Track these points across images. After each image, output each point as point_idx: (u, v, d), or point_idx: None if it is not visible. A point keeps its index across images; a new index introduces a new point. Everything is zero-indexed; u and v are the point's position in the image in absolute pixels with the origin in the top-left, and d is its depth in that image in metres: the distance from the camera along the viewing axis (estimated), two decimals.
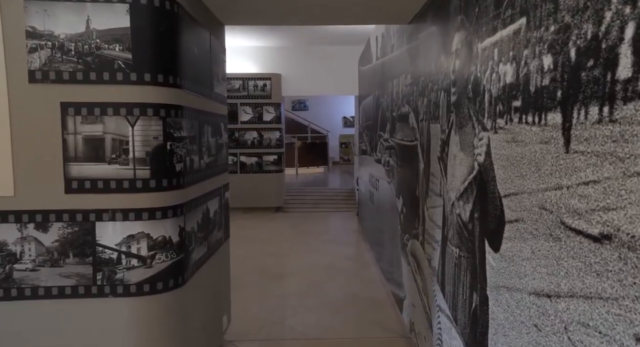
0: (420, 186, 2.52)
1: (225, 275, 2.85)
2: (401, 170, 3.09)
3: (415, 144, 2.64)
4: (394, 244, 3.38)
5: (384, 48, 3.88)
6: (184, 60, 1.94)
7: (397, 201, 3.24)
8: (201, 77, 2.23)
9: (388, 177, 3.67)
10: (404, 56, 2.95)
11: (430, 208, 2.28)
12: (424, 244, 2.42)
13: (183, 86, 1.92)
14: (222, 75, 2.74)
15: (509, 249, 1.31)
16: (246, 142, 7.71)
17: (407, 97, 2.89)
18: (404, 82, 3.00)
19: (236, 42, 7.45)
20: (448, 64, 1.94)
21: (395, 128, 3.31)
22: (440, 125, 2.07)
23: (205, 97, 2.30)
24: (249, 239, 5.82)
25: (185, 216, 1.95)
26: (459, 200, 1.77)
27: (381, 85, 4.07)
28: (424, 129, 2.41)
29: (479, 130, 1.56)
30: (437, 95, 2.14)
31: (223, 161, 2.73)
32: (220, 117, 2.67)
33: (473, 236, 1.62)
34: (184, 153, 1.93)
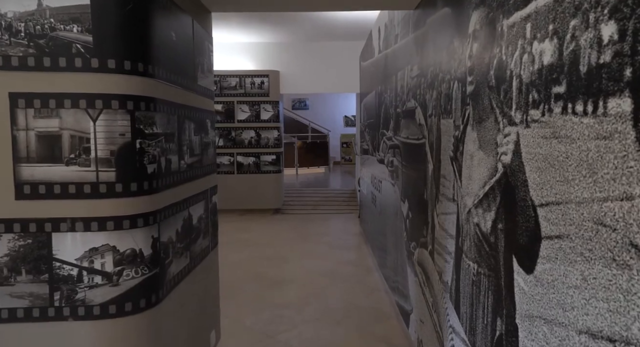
0: (428, 189, 2.26)
1: (213, 286, 2.59)
2: (407, 172, 2.83)
3: (422, 143, 2.38)
4: (399, 251, 3.12)
5: (387, 39, 3.62)
6: (158, 47, 1.68)
7: (402, 205, 2.97)
8: (181, 67, 1.97)
9: (392, 179, 3.40)
10: (410, 46, 2.69)
11: (441, 215, 2.02)
12: (434, 255, 2.16)
13: (156, 76, 1.66)
14: (209, 67, 2.48)
15: (548, 272, 1.05)
16: (243, 142, 7.46)
17: (413, 91, 2.63)
18: (409, 75, 2.73)
19: (232, 37, 7.20)
20: (463, 50, 1.68)
21: (400, 125, 3.05)
22: (454, 121, 1.81)
23: (186, 90, 2.04)
24: (245, 242, 5.56)
25: (160, 225, 1.69)
26: (478, 207, 1.51)
27: (384, 80, 3.81)
28: (433, 126, 2.15)
29: (504, 125, 1.30)
30: (449, 87, 1.88)
31: (210, 161, 2.48)
32: (206, 113, 2.41)
33: (496, 251, 1.36)
34: (158, 152, 1.67)
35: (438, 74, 2.06)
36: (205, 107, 2.39)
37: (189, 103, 2.09)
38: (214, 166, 2.59)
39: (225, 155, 7.44)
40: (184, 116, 2.01)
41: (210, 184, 2.51)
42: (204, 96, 2.37)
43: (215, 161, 2.61)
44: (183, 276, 1.98)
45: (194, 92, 2.17)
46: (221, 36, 7.13)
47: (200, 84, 2.29)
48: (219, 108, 7.37)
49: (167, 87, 1.78)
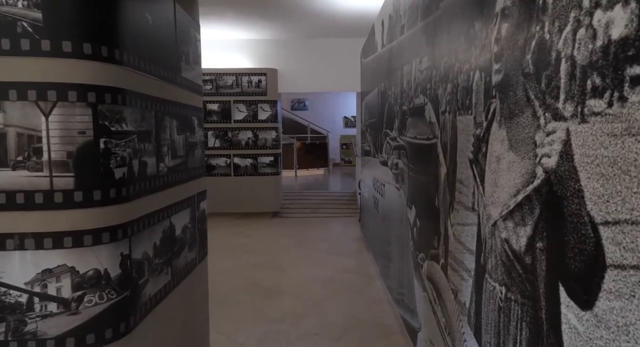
0: (440, 195, 2.01)
1: (201, 303, 2.34)
2: (414, 175, 2.58)
3: (433, 143, 2.13)
4: (405, 261, 2.87)
5: (391, 31, 3.37)
6: (128, 29, 1.43)
7: (409, 211, 2.72)
8: (160, 56, 1.72)
9: (396, 182, 3.15)
10: (419, 36, 2.44)
11: (456, 225, 1.77)
12: (447, 270, 1.90)
13: (126, 63, 1.41)
14: (195, 58, 2.23)
15: (618, 312, 0.80)
16: (240, 143, 7.21)
17: (422, 86, 2.38)
18: (418, 68, 2.49)
19: (228, 34, 6.96)
20: (487, 33, 1.43)
21: (406, 124, 2.80)
22: (474, 117, 1.56)
23: (166, 82, 1.79)
24: (241, 248, 5.31)
25: (132, 239, 1.44)
26: (507, 220, 1.26)
27: (388, 76, 3.56)
28: (447, 124, 1.90)
29: (546, 120, 1.05)
30: (468, 78, 1.63)
31: (197, 164, 2.22)
32: (192, 110, 2.16)
33: (534, 275, 1.11)
34: (129, 154, 1.42)
35: (454, 64, 1.81)
36: (191, 103, 2.14)
37: (171, 97, 1.84)
38: (203, 169, 2.34)
39: (222, 156, 7.19)
40: (164, 112, 1.76)
41: (198, 189, 2.26)
42: (189, 90, 2.12)
43: (203, 163, 2.36)
44: (163, 295, 1.73)
45: (176, 85, 1.92)
46: (216, 32, 6.88)
47: (184, 76, 2.04)
48: (214, 108, 7.12)
49: (141, 77, 1.53)
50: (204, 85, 7.04)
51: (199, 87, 2.30)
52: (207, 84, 7.06)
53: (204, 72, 7.02)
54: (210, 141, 7.17)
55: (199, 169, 2.27)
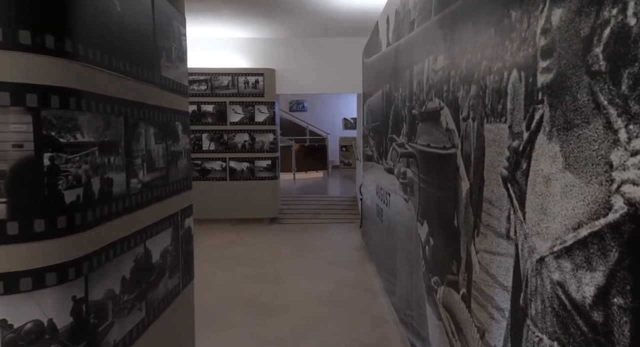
0: (461, 214, 1.74)
1: (186, 336, 2.06)
2: (426, 188, 2.30)
3: (452, 153, 1.86)
4: (414, 281, 2.60)
5: (398, 28, 3.10)
6: (86, 16, 1.16)
7: (419, 227, 2.45)
8: (132, 51, 1.45)
9: (404, 193, 2.88)
10: (433, 31, 2.17)
11: (483, 252, 1.49)
12: (470, 302, 1.63)
13: (83, 57, 1.13)
14: (180, 55, 1.96)
15: None
16: (236, 146, 6.93)
17: (437, 88, 2.11)
18: (431, 68, 2.21)
19: (224, 32, 6.69)
20: (529, 22, 1.16)
21: (417, 130, 2.53)
22: (509, 126, 1.28)
23: (141, 82, 1.52)
24: (236, 259, 5.02)
25: (90, 277, 1.16)
26: (563, 258, 0.99)
27: (394, 77, 3.29)
28: (471, 132, 1.63)
29: (630, 135, 0.78)
30: (500, 78, 1.35)
31: (181, 176, 1.95)
32: (176, 114, 1.88)
33: (609, 340, 0.84)
34: (86, 171, 1.14)
35: (479, 62, 1.54)
36: (173, 106, 1.86)
37: (147, 100, 1.57)
38: (188, 181, 2.06)
39: (217, 160, 6.91)
40: (138, 118, 1.48)
41: (182, 205, 1.98)
42: (171, 92, 1.84)
43: (190, 175, 2.09)
44: (135, 337, 1.45)
45: (154, 86, 1.65)
46: (212, 30, 6.61)
47: (165, 75, 1.76)
48: (209, 109, 6.85)
49: (105, 75, 1.26)
50: (199, 85, 6.77)
51: (184, 88, 2.02)
52: (202, 85, 6.79)
53: (199, 72, 6.75)
54: (205, 144, 6.89)
55: (184, 181, 1.99)
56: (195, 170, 6.87)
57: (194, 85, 6.78)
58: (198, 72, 6.77)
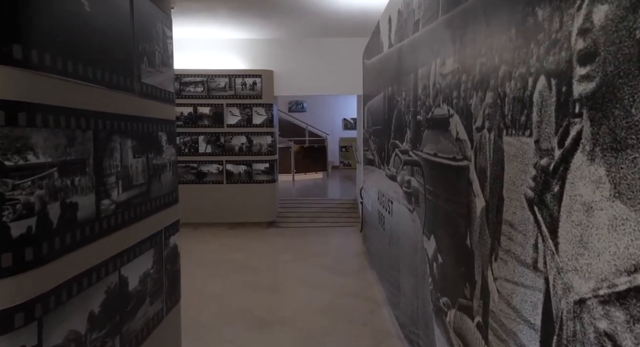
0: (475, 233, 1.57)
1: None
2: (434, 200, 2.13)
3: (463, 166, 1.69)
4: (420, 299, 2.43)
5: (401, 29, 2.93)
6: (41, 15, 0.99)
7: (426, 241, 2.28)
8: (104, 56, 1.27)
9: (408, 203, 2.71)
10: (440, 32, 2.00)
11: (504, 281, 1.32)
12: (486, 333, 1.46)
13: (37, 64, 0.96)
14: (164, 60, 1.79)
15: None
16: (233, 149, 6.76)
17: (445, 93, 1.93)
18: (438, 72, 2.04)
19: (220, 33, 6.51)
20: (563, 22, 0.99)
21: (422, 137, 2.36)
22: (537, 141, 1.11)
23: (115, 90, 1.34)
24: (232, 265, 4.85)
25: (46, 320, 0.99)
26: (612, 305, 0.82)
27: (396, 80, 3.11)
28: (486, 144, 1.46)
29: None
30: (524, 85, 1.18)
31: (166, 190, 1.78)
32: (159, 123, 1.71)
33: None
34: (41, 197, 0.97)
35: (497, 67, 1.36)
36: (156, 115, 1.69)
37: (123, 110, 1.40)
38: (174, 195, 1.89)
39: (214, 163, 6.74)
40: (111, 131, 1.31)
41: (167, 222, 1.81)
42: (154, 100, 1.67)
43: (175, 188, 1.91)
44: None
45: (132, 94, 1.47)
46: (208, 31, 6.44)
47: (146, 82, 1.59)
48: (206, 111, 6.68)
49: (69, 85, 1.09)
50: (195, 87, 6.59)
51: (169, 95, 1.85)
52: (198, 86, 6.62)
53: (195, 73, 6.58)
54: (202, 147, 6.72)
55: (169, 196, 1.82)
56: (192, 173, 6.70)
57: (190, 87, 6.61)
58: (194, 73, 6.60)
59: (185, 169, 6.69)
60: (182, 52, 6.79)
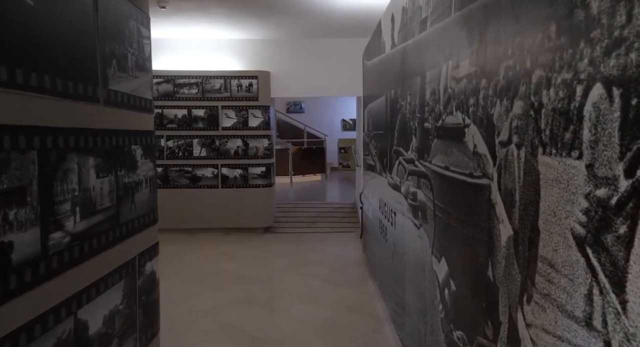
0: (499, 265, 1.34)
1: None
2: (446, 218, 1.91)
3: (483, 185, 1.46)
4: (429, 325, 2.20)
5: (406, 28, 2.71)
6: None
7: (435, 263, 2.05)
8: (55, 60, 1.04)
9: (414, 217, 2.48)
10: (454, 30, 1.77)
11: (541, 331, 1.09)
12: None
13: None
14: (140, 63, 1.56)
15: None
16: (229, 152, 6.53)
17: (459, 99, 1.71)
18: (451, 75, 1.82)
19: (216, 33, 6.28)
20: (633, 14, 0.76)
21: (431, 147, 2.13)
22: (590, 166, 0.89)
23: (70, 100, 1.11)
24: (226, 276, 4.62)
25: None
26: None
27: (400, 83, 2.89)
28: (514, 162, 1.23)
29: None
30: (569, 95, 0.96)
31: (142, 211, 1.55)
32: (132, 136, 1.49)
33: None
34: None
35: (529, 71, 1.14)
36: (129, 127, 1.46)
37: (82, 123, 1.17)
38: (151, 216, 1.66)
39: (208, 167, 6.51)
40: (65, 149, 1.08)
41: (142, 247, 1.58)
42: (126, 109, 1.44)
43: (153, 208, 1.69)
44: None
45: (96, 104, 1.25)
46: (202, 31, 6.21)
47: (115, 89, 1.36)
48: (201, 114, 6.44)
49: (3, 96, 0.86)
50: (189, 89, 6.36)
51: (145, 103, 1.62)
52: (192, 88, 6.38)
53: (189, 75, 6.35)
54: (196, 150, 6.49)
55: (145, 217, 1.59)
56: (186, 177, 6.47)
57: (184, 89, 6.38)
58: (188, 75, 6.37)
59: (179, 173, 6.47)
60: (175, 53, 6.56)
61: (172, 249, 5.70)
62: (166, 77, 6.33)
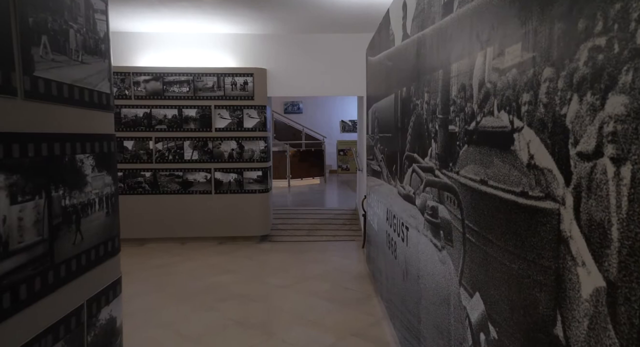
0: (577, 325, 0.97)
1: None
2: (482, 246, 1.53)
3: (547, 209, 1.09)
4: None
5: (423, 14, 2.34)
6: None
7: (465, 297, 1.68)
8: None
9: (434, 237, 2.11)
10: (496, 8, 1.40)
11: None
12: None
13: None
14: (89, 44, 1.18)
15: None
16: (222, 155, 6.15)
17: (504, 96, 1.34)
18: (491, 66, 1.45)
19: (208, 27, 5.91)
20: None
21: (458, 155, 1.76)
22: None
23: None
24: (218, 293, 4.23)
25: None
26: None
27: (415, 79, 2.52)
28: (608, 184, 0.86)
29: None
30: None
31: (93, 242, 1.17)
32: (77, 141, 1.11)
33: None
34: None
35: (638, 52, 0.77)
36: (72, 130, 1.09)
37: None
38: (110, 247, 1.28)
39: (201, 171, 6.13)
40: None
41: (93, 290, 1.20)
42: (66, 105, 1.06)
43: (113, 236, 1.31)
44: None
45: (10, 97, 0.87)
46: (194, 26, 5.83)
47: (45, 77, 0.99)
48: (192, 114, 6.06)
49: None
50: (180, 87, 5.98)
51: (100, 98, 1.25)
52: (183, 86, 6.00)
53: (180, 72, 5.96)
54: (187, 153, 6.11)
55: (99, 249, 1.21)
56: (176, 182, 6.09)
57: (174, 87, 5.99)
58: (179, 72, 5.99)
59: (169, 178, 6.08)
60: (165, 49, 6.20)
61: (160, 261, 5.31)
62: (155, 74, 5.95)
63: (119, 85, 5.92)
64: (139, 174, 6.06)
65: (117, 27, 5.91)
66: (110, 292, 1.30)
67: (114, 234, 1.31)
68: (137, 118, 6.01)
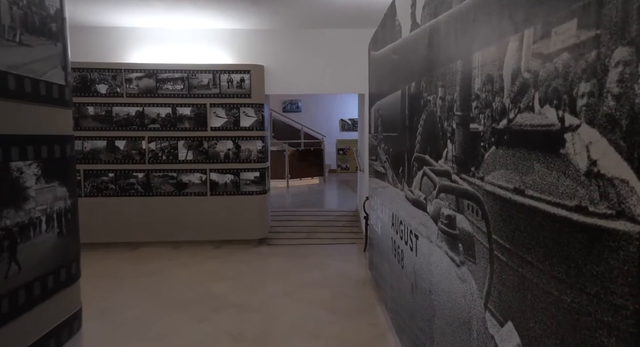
0: None
1: None
2: (517, 267, 1.28)
3: (621, 231, 0.84)
4: None
5: (435, 1, 2.08)
6: None
7: (493, 324, 1.44)
8: None
9: (451, 249, 1.86)
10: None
11: None
12: None
13: None
14: (33, 23, 0.94)
15: None
16: (218, 155, 5.89)
17: (550, 88, 1.09)
18: (530, 52, 1.20)
19: (203, 22, 5.65)
20: None
21: (483, 157, 1.51)
22: None
23: None
24: (212, 302, 3.99)
25: None
26: None
27: (426, 72, 2.27)
28: None
29: None
30: None
31: (33, 274, 0.92)
32: (18, 144, 0.85)
33: None
34: None
35: None
36: (10, 130, 0.84)
37: None
38: (66, 274, 1.03)
39: (196, 172, 5.87)
40: None
41: (39, 332, 0.95)
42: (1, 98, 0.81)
43: (70, 261, 1.06)
44: None
45: None
46: (189, 21, 5.58)
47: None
48: (187, 112, 5.81)
49: None
50: (174, 84, 5.72)
51: (50, 90, 1.00)
52: (177, 84, 5.75)
53: (174, 68, 5.71)
54: (182, 153, 5.86)
55: (47, 279, 0.96)
56: (170, 184, 5.84)
57: (168, 84, 5.74)
58: (173, 69, 5.73)
59: (162, 179, 5.83)
60: (158, 45, 5.94)
61: (152, 267, 5.06)
62: (147, 71, 5.69)
63: (110, 82, 5.67)
64: (131, 175, 5.80)
65: (108, 21, 5.66)
66: (63, 332, 1.06)
67: (70, 258, 1.06)
68: (129, 117, 5.76)
